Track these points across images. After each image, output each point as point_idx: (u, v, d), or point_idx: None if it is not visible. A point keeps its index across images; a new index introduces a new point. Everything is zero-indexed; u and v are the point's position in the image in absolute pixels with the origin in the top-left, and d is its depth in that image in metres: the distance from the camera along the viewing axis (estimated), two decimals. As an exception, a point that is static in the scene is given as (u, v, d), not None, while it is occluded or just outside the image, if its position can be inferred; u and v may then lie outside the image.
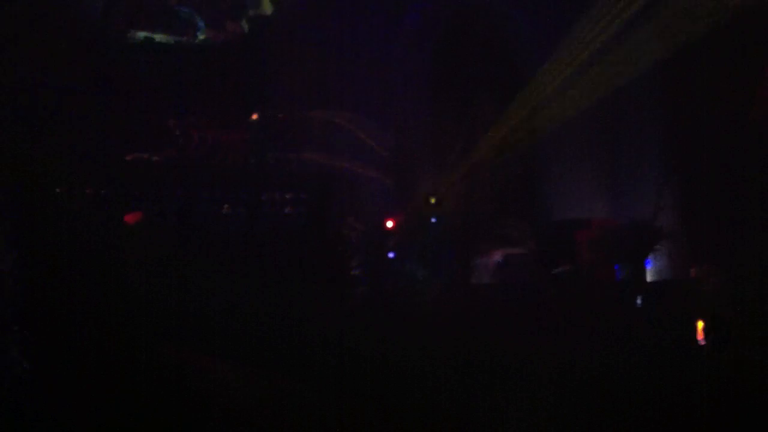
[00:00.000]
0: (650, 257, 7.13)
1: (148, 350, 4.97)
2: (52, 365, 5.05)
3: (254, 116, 7.84)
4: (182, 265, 6.25)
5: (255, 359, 5.17)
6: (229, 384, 4.69)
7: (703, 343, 5.11)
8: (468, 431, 4.40)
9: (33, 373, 5.14)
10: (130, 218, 6.25)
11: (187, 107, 7.52)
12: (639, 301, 6.24)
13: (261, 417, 4.42)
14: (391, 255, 7.42)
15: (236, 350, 5.27)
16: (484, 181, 8.97)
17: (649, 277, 7.15)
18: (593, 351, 4.98)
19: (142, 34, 7.30)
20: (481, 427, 4.40)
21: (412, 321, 5.98)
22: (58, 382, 4.80)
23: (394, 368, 4.97)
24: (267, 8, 7.77)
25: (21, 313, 5.54)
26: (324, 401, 4.56)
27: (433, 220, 7.61)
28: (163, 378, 4.64)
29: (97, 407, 4.51)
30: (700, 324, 5.09)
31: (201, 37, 7.58)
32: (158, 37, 7.35)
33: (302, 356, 5.26)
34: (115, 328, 5.17)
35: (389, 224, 7.63)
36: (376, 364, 5.06)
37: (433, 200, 7.93)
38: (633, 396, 4.50)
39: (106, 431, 4.38)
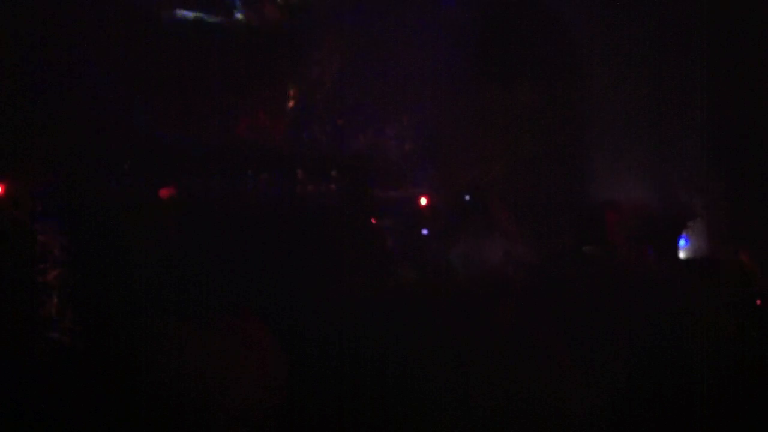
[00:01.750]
0: (684, 237, 7.04)
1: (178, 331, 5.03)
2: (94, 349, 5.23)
3: (291, 96, 7.95)
4: (220, 243, 6.39)
5: (296, 342, 5.22)
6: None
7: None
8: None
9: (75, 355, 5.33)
10: (165, 192, 6.41)
11: (223, 88, 7.66)
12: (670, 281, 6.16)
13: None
14: (424, 232, 7.47)
15: (275, 334, 5.32)
16: (522, 163, 8.95)
17: (682, 256, 7.07)
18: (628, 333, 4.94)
19: (177, 13, 7.44)
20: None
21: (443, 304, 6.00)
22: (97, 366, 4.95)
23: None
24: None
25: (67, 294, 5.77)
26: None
27: (467, 198, 7.60)
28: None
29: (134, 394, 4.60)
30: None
31: (238, 17, 7.70)
32: (192, 17, 7.48)
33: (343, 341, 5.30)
34: (149, 307, 5.30)
35: (423, 201, 7.68)
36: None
37: (468, 180, 7.93)
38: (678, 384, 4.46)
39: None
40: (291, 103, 7.98)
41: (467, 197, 7.59)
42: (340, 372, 4.98)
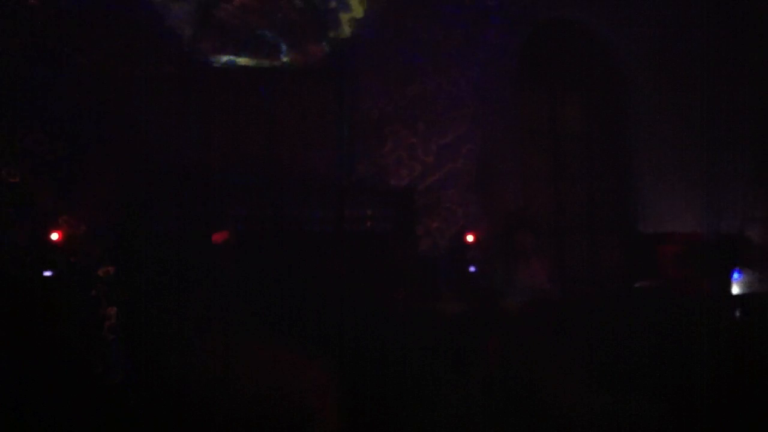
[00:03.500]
0: (739, 270, 6.90)
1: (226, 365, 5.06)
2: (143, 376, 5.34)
3: (337, 132, 8.03)
4: (268, 281, 6.46)
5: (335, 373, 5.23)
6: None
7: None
8: None
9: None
10: (218, 237, 6.49)
11: (273, 127, 7.78)
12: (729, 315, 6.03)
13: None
14: (472, 269, 7.44)
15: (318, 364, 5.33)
16: (571, 193, 8.91)
17: (736, 290, 6.93)
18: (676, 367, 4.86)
19: (228, 58, 7.58)
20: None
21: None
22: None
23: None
24: (347, 31, 7.94)
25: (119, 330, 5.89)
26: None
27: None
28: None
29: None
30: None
31: (285, 59, 7.82)
32: (243, 61, 7.62)
33: (382, 371, 5.31)
34: (195, 345, 5.38)
35: (470, 238, 7.66)
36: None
37: (516, 214, 7.90)
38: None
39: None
40: (337, 140, 8.07)
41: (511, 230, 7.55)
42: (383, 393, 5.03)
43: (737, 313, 6.21)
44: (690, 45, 8.95)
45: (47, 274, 5.79)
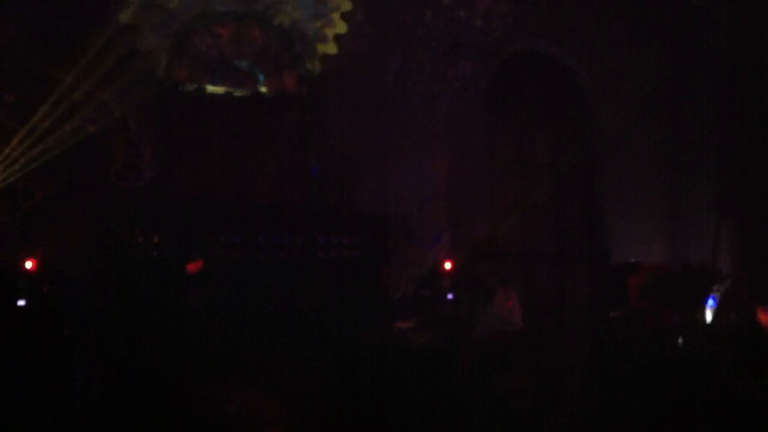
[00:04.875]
0: (713, 297, 7.05)
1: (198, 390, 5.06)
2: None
3: (312, 162, 8.06)
4: (241, 307, 6.46)
5: (310, 401, 5.26)
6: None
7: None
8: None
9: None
10: (192, 267, 6.48)
11: (246, 155, 7.79)
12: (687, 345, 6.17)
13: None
14: (449, 296, 7.49)
15: (290, 392, 5.35)
16: (540, 223, 9.01)
17: (709, 320, 7.07)
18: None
19: (202, 87, 7.59)
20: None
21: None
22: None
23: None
24: (319, 64, 8.03)
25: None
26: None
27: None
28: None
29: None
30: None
31: (261, 89, 7.85)
32: (218, 90, 7.63)
33: (358, 401, 5.33)
34: (172, 369, 5.37)
35: (447, 266, 7.71)
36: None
37: (488, 242, 7.98)
38: None
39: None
40: (309, 167, 8.10)
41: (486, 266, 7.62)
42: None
43: (679, 342, 6.36)
44: (658, 76, 9.14)
45: (20, 303, 5.72)
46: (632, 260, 8.01)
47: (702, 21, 8.90)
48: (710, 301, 7.07)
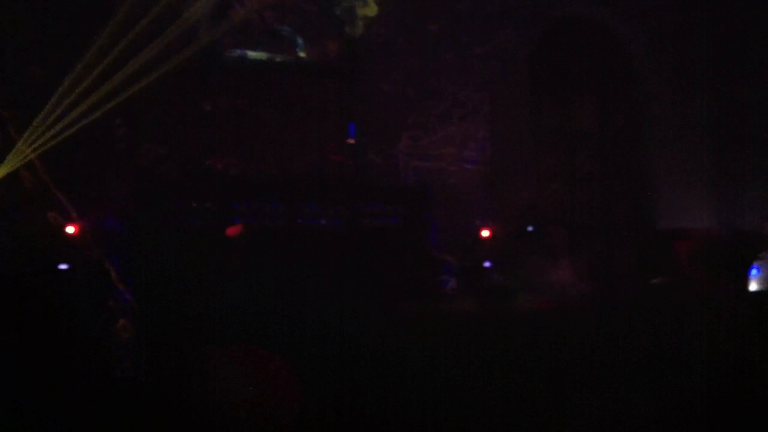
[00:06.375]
0: (757, 266, 6.84)
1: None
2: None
3: (352, 132, 8.01)
4: (281, 275, 6.47)
5: (347, 368, 5.24)
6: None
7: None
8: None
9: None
10: (231, 231, 6.50)
11: (288, 122, 7.77)
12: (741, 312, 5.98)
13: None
14: (487, 264, 7.43)
15: (328, 359, 5.35)
16: (586, 192, 8.88)
17: (754, 287, 6.88)
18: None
19: (245, 53, 7.58)
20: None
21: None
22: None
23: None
24: (361, 29, 7.95)
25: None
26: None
27: (530, 229, 7.56)
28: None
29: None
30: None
31: (301, 54, 7.81)
32: (257, 55, 7.61)
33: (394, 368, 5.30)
34: (211, 337, 5.40)
35: (485, 233, 7.65)
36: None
37: (530, 209, 7.88)
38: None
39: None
40: (350, 136, 8.06)
41: (529, 227, 7.53)
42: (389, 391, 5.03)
43: (747, 309, 6.17)
44: (706, 40, 8.90)
45: (63, 267, 5.80)
46: (678, 226, 7.85)
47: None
48: (754, 271, 6.86)
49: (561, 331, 5.51)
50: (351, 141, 7.94)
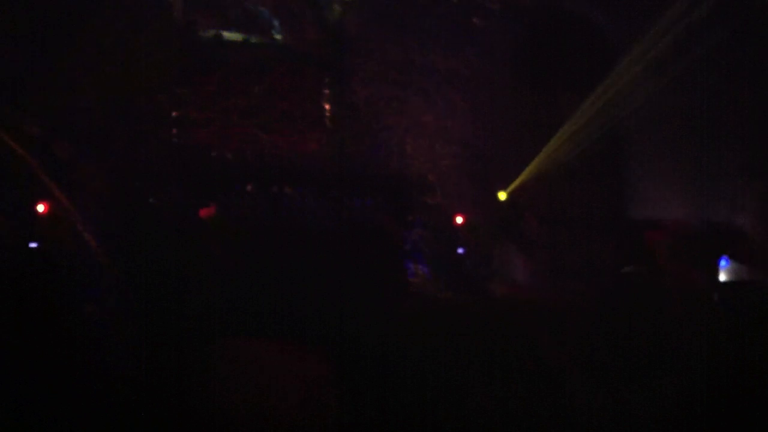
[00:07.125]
0: (726, 258, 6.91)
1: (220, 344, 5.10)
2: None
3: (329, 115, 7.98)
4: (266, 259, 6.47)
5: (330, 351, 5.25)
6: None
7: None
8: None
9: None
10: (205, 212, 6.50)
11: (267, 107, 7.73)
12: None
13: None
14: (460, 251, 7.45)
15: (311, 343, 5.36)
16: (560, 180, 8.88)
17: (723, 278, 6.95)
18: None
19: (220, 33, 7.51)
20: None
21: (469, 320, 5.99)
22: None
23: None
24: (338, 11, 7.90)
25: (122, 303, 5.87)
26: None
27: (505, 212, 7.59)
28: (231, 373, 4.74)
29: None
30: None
31: (277, 36, 7.75)
32: (236, 36, 7.55)
33: (375, 350, 5.32)
34: (191, 320, 5.39)
35: (459, 220, 7.67)
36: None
37: (505, 198, 7.90)
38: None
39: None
40: (329, 122, 8.02)
41: (505, 211, 7.54)
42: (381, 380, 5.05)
43: (715, 297, 6.26)
44: (686, 38, 8.92)
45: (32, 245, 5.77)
46: (650, 217, 7.90)
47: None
48: (722, 262, 6.93)
49: (543, 323, 5.58)
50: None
